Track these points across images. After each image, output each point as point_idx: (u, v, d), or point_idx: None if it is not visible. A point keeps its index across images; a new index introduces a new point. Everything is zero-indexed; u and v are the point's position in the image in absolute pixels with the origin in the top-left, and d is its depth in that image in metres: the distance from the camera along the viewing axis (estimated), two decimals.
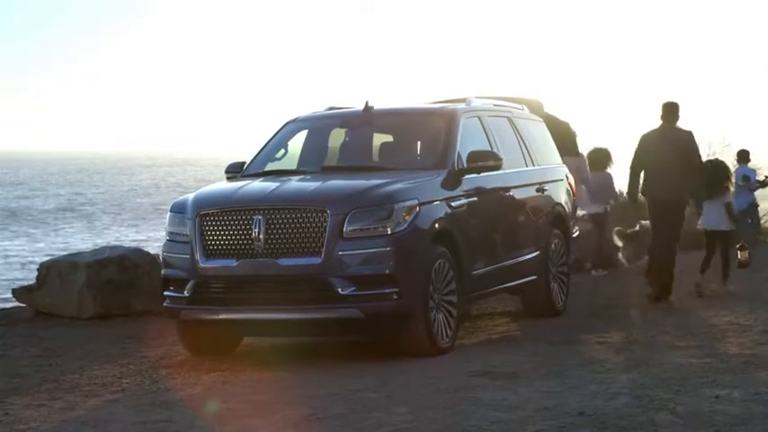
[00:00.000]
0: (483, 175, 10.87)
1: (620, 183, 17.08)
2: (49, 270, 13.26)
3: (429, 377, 8.81)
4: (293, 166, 11.34)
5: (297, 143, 11.63)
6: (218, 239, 9.72)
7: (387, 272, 9.47)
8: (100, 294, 12.88)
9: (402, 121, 11.56)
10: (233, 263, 9.64)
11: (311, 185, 10.07)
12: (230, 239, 9.67)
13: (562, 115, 15.35)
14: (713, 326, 11.22)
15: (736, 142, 23.21)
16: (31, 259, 28.84)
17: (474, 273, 10.57)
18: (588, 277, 16.08)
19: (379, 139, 11.48)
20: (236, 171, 11.27)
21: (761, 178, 20.60)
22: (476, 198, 10.75)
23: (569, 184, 13.34)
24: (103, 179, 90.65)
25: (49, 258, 14.81)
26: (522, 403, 7.73)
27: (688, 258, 14.25)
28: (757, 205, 20.60)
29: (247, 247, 9.60)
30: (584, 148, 17.13)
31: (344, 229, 9.45)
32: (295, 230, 9.50)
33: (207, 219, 9.79)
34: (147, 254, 13.72)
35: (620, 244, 17.30)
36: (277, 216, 9.55)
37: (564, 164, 13.59)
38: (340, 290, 9.38)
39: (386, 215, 9.55)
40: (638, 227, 17.13)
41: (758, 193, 20.77)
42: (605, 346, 10.27)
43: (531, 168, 12.32)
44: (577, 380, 8.52)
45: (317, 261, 9.43)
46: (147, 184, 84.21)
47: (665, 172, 13.32)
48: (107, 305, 12.91)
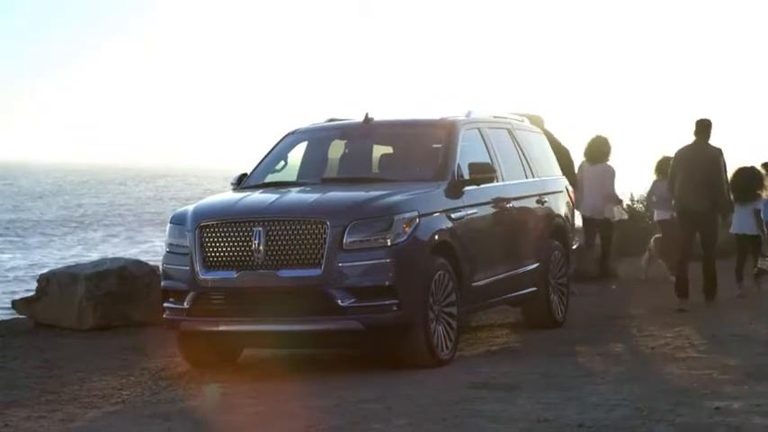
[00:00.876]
0: (483, 186, 10.88)
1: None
2: (48, 281, 13.27)
3: (429, 389, 8.80)
4: (293, 177, 11.35)
5: (297, 155, 11.65)
6: (217, 251, 9.73)
7: (387, 283, 9.47)
8: (100, 306, 12.88)
9: (402, 133, 11.57)
10: (233, 274, 9.64)
11: (311, 197, 10.08)
12: (230, 251, 9.68)
13: (561, 134, 15.42)
14: (713, 337, 11.22)
15: (762, 153, 23.28)
16: (21, 274, 28.68)
17: (474, 284, 10.57)
18: (589, 289, 16.03)
19: (379, 151, 11.49)
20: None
21: None
22: (475, 210, 10.75)
23: (569, 195, 13.36)
24: (106, 189, 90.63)
25: (48, 270, 14.81)
26: (523, 415, 7.73)
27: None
28: None
29: (247, 258, 9.60)
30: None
31: (344, 241, 9.45)
32: (295, 242, 9.51)
33: (207, 230, 9.80)
34: (147, 265, 13.72)
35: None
36: (277, 228, 9.56)
37: (588, 171, 14.68)
38: (340, 301, 9.39)
39: (385, 227, 9.55)
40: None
41: None
42: (605, 357, 10.27)
43: (531, 180, 12.33)
44: (577, 391, 8.51)
45: (316, 273, 9.43)
46: (147, 195, 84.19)
47: (694, 185, 13.69)
48: (107, 316, 12.91)
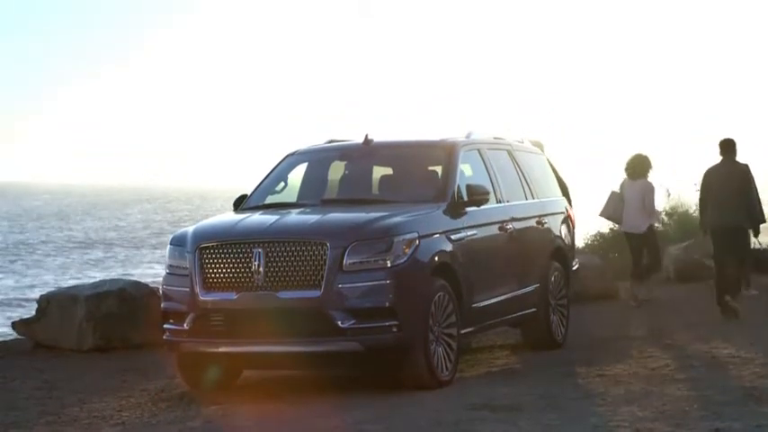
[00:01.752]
0: (483, 207, 10.89)
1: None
2: (48, 302, 13.27)
3: (429, 410, 8.79)
4: (293, 198, 11.36)
5: (297, 176, 11.66)
6: (217, 272, 9.73)
7: (386, 305, 9.47)
8: (99, 327, 12.88)
9: (402, 154, 11.59)
10: (233, 296, 9.64)
11: (311, 218, 10.08)
12: (230, 272, 9.68)
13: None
14: (713, 358, 11.21)
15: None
16: (13, 296, 28.55)
17: (474, 305, 10.57)
18: (588, 308, 16.03)
19: (379, 172, 11.50)
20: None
21: None
22: (475, 231, 10.76)
23: (569, 216, 13.37)
24: (106, 210, 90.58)
25: (48, 291, 14.81)
26: None
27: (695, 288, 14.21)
28: None
29: (247, 279, 9.60)
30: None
31: (344, 262, 9.45)
32: (295, 263, 9.51)
33: (207, 252, 9.80)
34: (147, 286, 13.73)
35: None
36: (277, 249, 9.56)
37: (629, 188, 15.80)
38: (340, 323, 9.38)
39: (385, 248, 9.56)
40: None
41: None
42: (605, 378, 10.26)
43: (531, 201, 12.34)
44: (577, 412, 8.50)
45: (316, 294, 9.43)
46: (146, 217, 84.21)
47: (725, 202, 14.49)
48: (107, 338, 12.91)
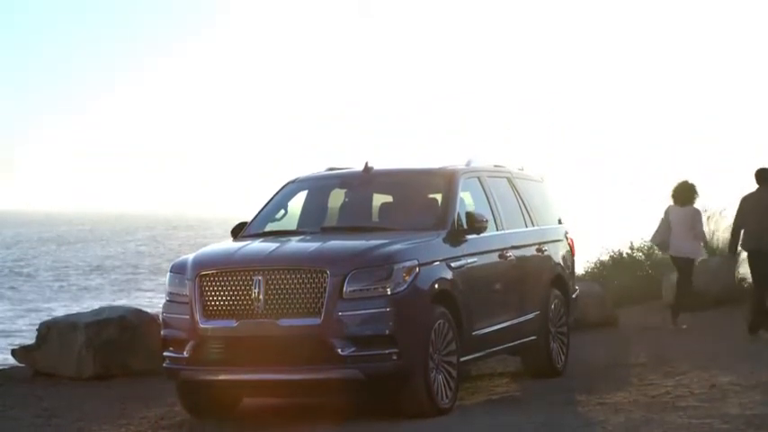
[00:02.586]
0: (483, 235, 10.90)
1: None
2: (48, 330, 13.25)
3: None
4: (293, 226, 11.37)
5: (297, 203, 11.67)
6: (217, 300, 9.73)
7: (386, 332, 9.46)
8: (99, 354, 12.86)
9: (402, 182, 11.61)
10: (233, 323, 9.63)
11: (311, 246, 10.09)
12: (230, 300, 9.68)
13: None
14: (714, 386, 11.19)
15: None
16: (6, 327, 28.51)
17: (474, 333, 10.57)
18: (588, 336, 16.02)
19: (379, 200, 11.51)
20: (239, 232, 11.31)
21: None
22: (475, 258, 10.77)
23: (569, 244, 13.38)
24: (109, 242, 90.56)
25: (48, 318, 14.80)
26: None
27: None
28: None
29: (247, 307, 9.60)
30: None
31: (344, 290, 9.46)
32: (295, 291, 9.51)
33: (207, 279, 9.80)
34: (147, 314, 13.71)
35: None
36: (277, 277, 9.56)
37: (676, 214, 16.55)
38: (340, 350, 9.37)
39: (385, 276, 9.56)
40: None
41: None
42: (605, 406, 10.24)
43: (531, 229, 12.36)
44: None
45: (316, 322, 9.42)
46: (146, 245, 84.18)
47: (761, 227, 15.40)
48: (106, 365, 12.89)
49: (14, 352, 13.72)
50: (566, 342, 12.71)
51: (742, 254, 17.04)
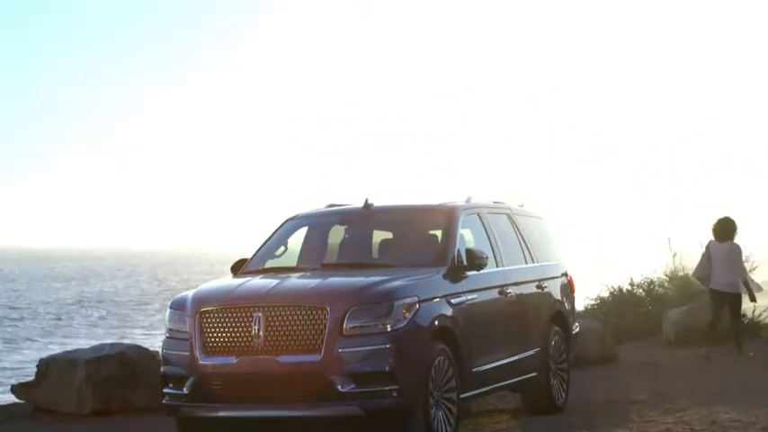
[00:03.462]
0: (483, 272, 10.91)
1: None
2: (48, 366, 13.25)
3: None
4: (293, 263, 11.38)
5: (297, 240, 11.69)
6: (217, 336, 9.73)
7: (386, 369, 9.45)
8: (99, 390, 12.85)
9: (401, 218, 11.63)
10: (233, 360, 9.63)
11: (311, 282, 10.10)
12: (230, 336, 9.68)
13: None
14: (714, 422, 11.17)
15: None
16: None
17: (474, 370, 10.56)
18: (589, 372, 16.01)
19: (379, 236, 11.53)
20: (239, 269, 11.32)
21: None
22: (475, 295, 10.78)
23: (569, 280, 13.39)
24: (103, 277, 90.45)
25: (48, 355, 14.79)
26: None
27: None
28: None
29: (247, 344, 9.60)
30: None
31: (344, 327, 9.46)
32: (295, 327, 9.51)
33: (207, 316, 9.81)
34: (146, 350, 13.72)
35: None
36: (277, 313, 9.57)
37: (716, 249, 17.19)
38: (340, 387, 9.37)
39: (385, 312, 9.56)
40: None
41: None
42: None
43: (531, 265, 12.37)
44: None
45: (316, 358, 9.42)
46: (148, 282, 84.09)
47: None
48: (106, 401, 12.88)
49: (14, 388, 13.71)
50: (566, 378, 12.70)
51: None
